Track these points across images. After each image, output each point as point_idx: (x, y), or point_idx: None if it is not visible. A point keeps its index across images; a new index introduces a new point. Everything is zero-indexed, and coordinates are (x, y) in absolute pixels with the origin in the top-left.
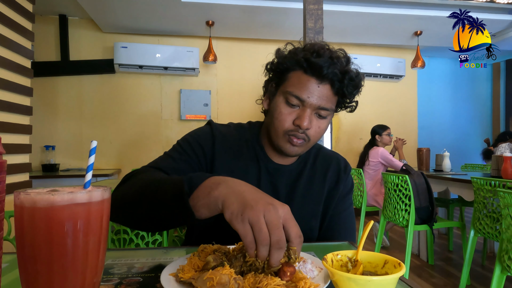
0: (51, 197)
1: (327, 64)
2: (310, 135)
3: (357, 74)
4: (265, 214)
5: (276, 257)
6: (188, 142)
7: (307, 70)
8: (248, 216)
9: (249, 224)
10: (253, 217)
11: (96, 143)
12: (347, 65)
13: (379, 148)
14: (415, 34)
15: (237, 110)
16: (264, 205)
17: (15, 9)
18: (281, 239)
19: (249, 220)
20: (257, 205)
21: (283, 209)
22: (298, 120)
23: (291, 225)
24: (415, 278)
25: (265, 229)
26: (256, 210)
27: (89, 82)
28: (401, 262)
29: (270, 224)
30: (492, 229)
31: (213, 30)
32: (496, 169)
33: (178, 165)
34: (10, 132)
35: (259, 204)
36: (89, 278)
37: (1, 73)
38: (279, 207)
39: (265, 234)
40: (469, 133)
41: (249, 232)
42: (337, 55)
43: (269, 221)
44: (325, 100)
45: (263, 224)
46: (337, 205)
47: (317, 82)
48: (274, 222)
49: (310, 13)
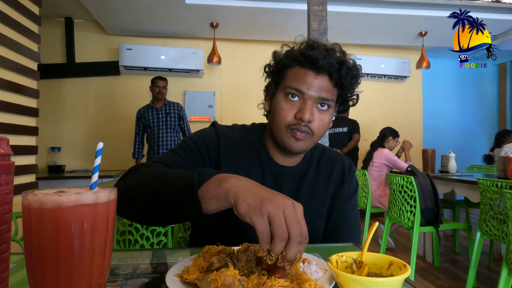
0: (58, 198)
1: (322, 56)
2: (313, 129)
3: (354, 65)
4: (284, 209)
5: (295, 250)
6: (193, 140)
7: (303, 64)
8: (267, 210)
9: (267, 217)
10: (273, 211)
11: (102, 145)
12: (343, 56)
13: (384, 149)
14: (420, 34)
15: (241, 111)
16: (283, 200)
17: (22, 12)
18: (303, 233)
19: (269, 214)
20: (276, 200)
21: (298, 207)
22: (299, 113)
23: (303, 225)
24: (420, 280)
25: (284, 224)
26: (275, 205)
27: (94, 84)
28: (406, 264)
29: (290, 218)
30: (498, 231)
31: (217, 31)
32: (503, 170)
33: (184, 161)
34: (17, 134)
35: (278, 199)
36: (96, 278)
37: (8, 75)
38: (295, 204)
39: (284, 228)
40: (475, 134)
41: (267, 226)
42: (332, 48)
43: (289, 216)
44: (324, 91)
45: (283, 219)
46: (341, 206)
47: (315, 74)
48: (294, 217)
49: (314, 14)
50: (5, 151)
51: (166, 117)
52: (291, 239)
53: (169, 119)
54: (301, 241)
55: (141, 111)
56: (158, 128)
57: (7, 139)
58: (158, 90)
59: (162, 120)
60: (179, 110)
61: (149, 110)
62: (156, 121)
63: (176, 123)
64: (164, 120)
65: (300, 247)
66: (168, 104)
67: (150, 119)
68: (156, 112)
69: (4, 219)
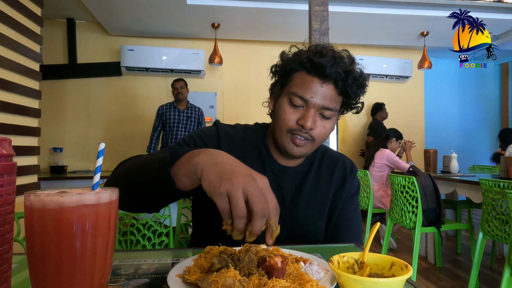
0: (60, 198)
1: (330, 64)
2: (314, 136)
3: (361, 74)
4: (245, 186)
5: (259, 225)
6: (192, 138)
7: (310, 71)
8: (226, 189)
9: (226, 196)
10: (231, 190)
11: (104, 145)
12: (351, 65)
13: (385, 150)
14: (421, 34)
15: (243, 111)
16: (243, 177)
17: (24, 13)
18: (264, 207)
19: (227, 193)
20: (235, 177)
21: (262, 180)
22: (301, 120)
23: (269, 197)
24: (422, 280)
25: (241, 203)
26: (234, 183)
27: (96, 84)
28: (408, 264)
29: (251, 194)
30: (501, 231)
31: (218, 32)
32: (505, 170)
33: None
34: (19, 134)
35: (238, 176)
36: (97, 278)
37: (10, 76)
38: (257, 178)
39: (241, 207)
40: (477, 134)
41: (226, 205)
42: (340, 55)
43: (250, 192)
44: (328, 100)
45: (240, 197)
46: (343, 207)
47: (320, 82)
48: (255, 193)
49: (316, 14)
50: (7, 152)
51: (187, 120)
52: (254, 215)
53: (189, 123)
54: (264, 215)
55: (164, 107)
56: (178, 129)
57: (9, 140)
58: (177, 92)
59: (183, 122)
60: (199, 115)
61: (171, 109)
62: (176, 121)
63: (194, 127)
64: (184, 123)
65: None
66: (190, 107)
67: (172, 119)
68: (178, 113)
69: (6, 220)
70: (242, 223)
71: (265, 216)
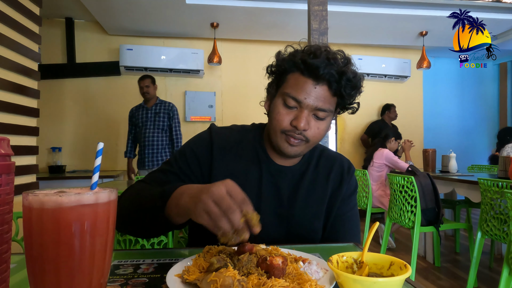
0: (58, 198)
1: (324, 65)
2: (308, 136)
3: (355, 75)
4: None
5: (234, 218)
6: (184, 156)
7: (304, 72)
8: (201, 208)
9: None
10: (204, 206)
11: (102, 145)
12: (345, 66)
13: (384, 149)
14: (420, 34)
15: (242, 111)
16: (208, 191)
17: (23, 12)
18: (230, 206)
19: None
20: (202, 195)
21: (226, 184)
22: (295, 121)
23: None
24: (421, 280)
25: (214, 209)
26: (203, 199)
27: (95, 84)
28: (407, 264)
29: (217, 199)
30: (499, 231)
31: (217, 31)
32: (503, 170)
33: (167, 177)
34: (17, 134)
35: (203, 192)
36: (96, 278)
37: (9, 75)
38: (220, 185)
39: (216, 213)
40: (476, 134)
41: (210, 222)
42: (334, 56)
43: (216, 198)
44: (322, 101)
45: (213, 207)
46: (340, 206)
47: (314, 83)
48: (219, 197)
49: (315, 14)
50: (6, 152)
51: (155, 117)
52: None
53: (157, 119)
54: (233, 210)
55: (133, 110)
56: (145, 128)
57: (8, 140)
58: (143, 91)
59: (151, 120)
60: (169, 110)
61: (139, 110)
62: (144, 120)
63: (165, 123)
64: (153, 120)
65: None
66: (159, 103)
67: (139, 119)
68: (145, 112)
69: (4, 219)
70: (225, 223)
71: (235, 210)
